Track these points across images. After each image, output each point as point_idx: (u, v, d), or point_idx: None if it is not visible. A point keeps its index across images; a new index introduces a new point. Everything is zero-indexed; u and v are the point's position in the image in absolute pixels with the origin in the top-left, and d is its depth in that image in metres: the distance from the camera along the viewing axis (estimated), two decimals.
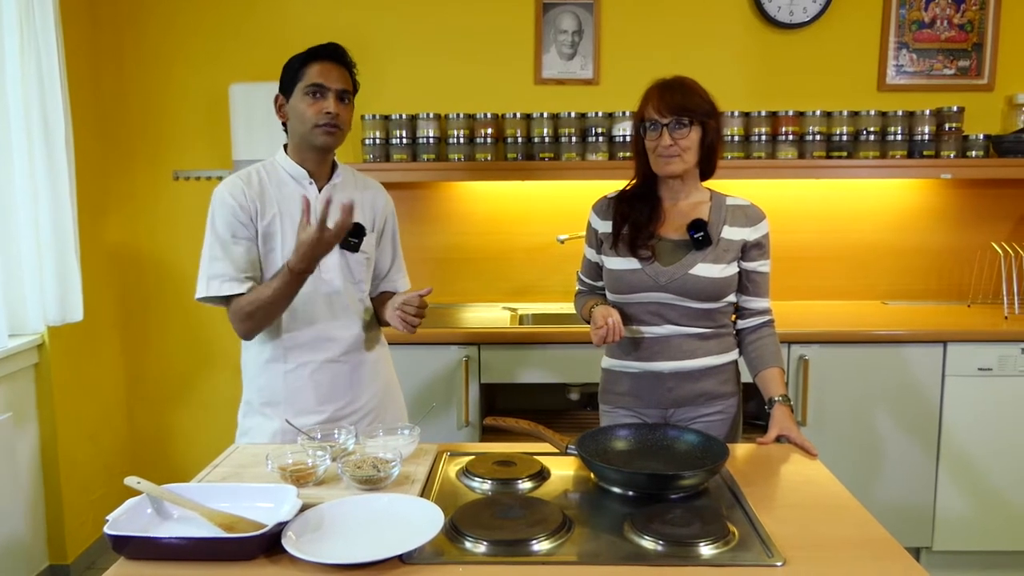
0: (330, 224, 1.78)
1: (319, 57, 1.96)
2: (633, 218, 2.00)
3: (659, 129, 1.91)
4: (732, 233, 1.98)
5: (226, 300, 1.95)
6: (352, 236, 2.03)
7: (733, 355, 2.06)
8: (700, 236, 1.94)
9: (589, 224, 2.12)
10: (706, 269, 1.95)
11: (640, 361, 2.03)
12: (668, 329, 1.99)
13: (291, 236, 1.95)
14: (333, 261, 2.03)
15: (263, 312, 1.91)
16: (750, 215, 2.01)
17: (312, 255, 1.82)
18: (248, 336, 1.99)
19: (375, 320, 2.19)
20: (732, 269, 1.98)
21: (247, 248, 1.96)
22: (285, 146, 2.05)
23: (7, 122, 2.78)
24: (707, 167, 2.01)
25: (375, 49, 3.38)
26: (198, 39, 3.43)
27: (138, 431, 3.64)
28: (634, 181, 2.06)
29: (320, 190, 2.03)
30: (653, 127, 1.92)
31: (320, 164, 2.03)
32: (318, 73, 1.94)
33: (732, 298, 2.03)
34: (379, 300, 2.17)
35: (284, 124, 2.04)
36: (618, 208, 2.04)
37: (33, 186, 2.84)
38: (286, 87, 1.99)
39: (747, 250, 2.00)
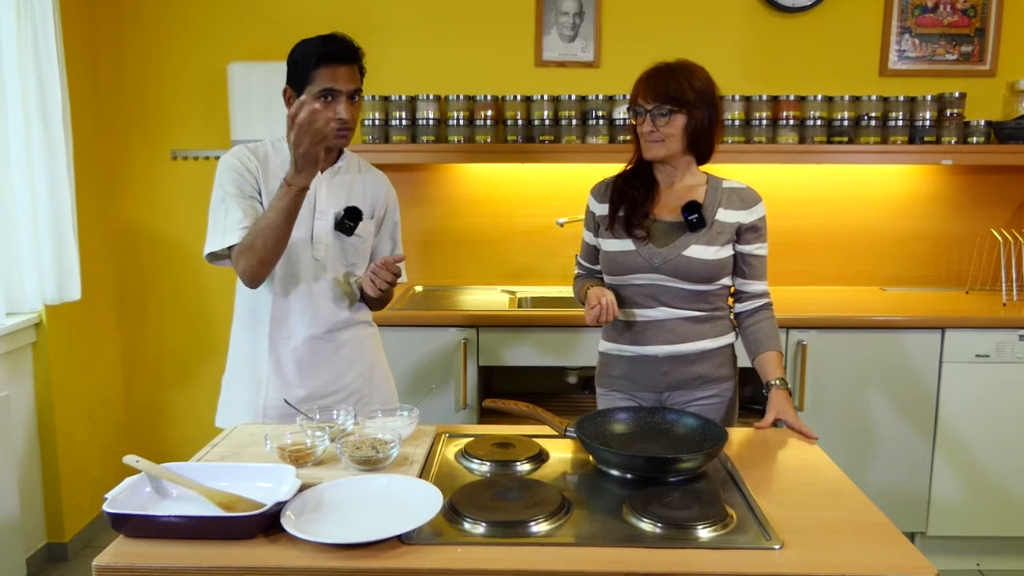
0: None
1: (330, 60, 1.91)
2: (630, 196, 2.01)
3: (644, 115, 1.93)
4: (727, 216, 1.98)
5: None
6: (349, 219, 2.04)
7: (729, 338, 2.07)
8: (694, 218, 1.95)
9: (587, 207, 2.13)
10: (700, 251, 1.95)
11: (635, 344, 2.03)
12: (663, 312, 2.00)
13: None
14: (327, 242, 2.03)
15: (261, 240, 1.83)
16: (745, 198, 2.01)
17: (305, 154, 1.73)
18: (251, 280, 1.92)
19: (364, 302, 2.18)
20: (726, 252, 1.98)
21: (254, 205, 1.95)
22: None
23: (4, 101, 2.76)
24: (699, 152, 2.01)
25: (375, 29, 3.36)
26: (196, 18, 3.40)
27: (135, 410, 3.64)
28: (633, 162, 2.06)
29: (323, 172, 2.03)
30: (640, 112, 1.95)
31: (327, 150, 2.01)
32: (329, 77, 1.90)
33: (727, 281, 2.03)
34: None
35: None
36: (616, 187, 2.05)
37: (31, 165, 2.83)
38: (295, 83, 1.95)
39: (742, 233, 2.00)
